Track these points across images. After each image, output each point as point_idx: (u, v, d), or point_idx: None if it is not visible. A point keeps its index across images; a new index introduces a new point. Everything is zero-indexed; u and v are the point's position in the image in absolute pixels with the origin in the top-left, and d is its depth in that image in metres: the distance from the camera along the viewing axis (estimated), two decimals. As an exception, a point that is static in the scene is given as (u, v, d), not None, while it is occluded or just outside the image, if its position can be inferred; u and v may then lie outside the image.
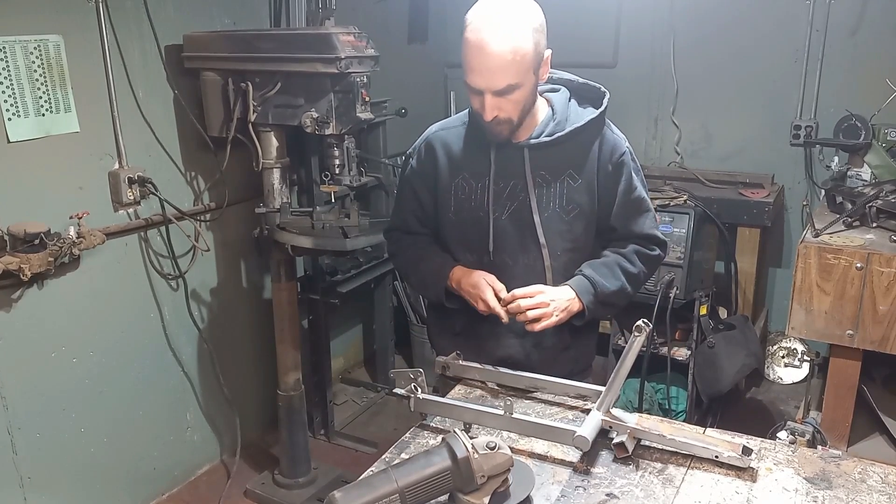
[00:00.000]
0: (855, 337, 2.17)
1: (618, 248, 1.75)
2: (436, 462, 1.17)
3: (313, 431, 3.23)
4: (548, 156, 1.65)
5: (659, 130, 3.82)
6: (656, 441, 1.37)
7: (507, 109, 1.55)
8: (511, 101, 1.53)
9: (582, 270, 1.70)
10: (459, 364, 1.69)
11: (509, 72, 1.48)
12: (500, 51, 1.46)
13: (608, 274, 1.69)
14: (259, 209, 2.63)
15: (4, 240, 2.13)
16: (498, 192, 1.66)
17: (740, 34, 3.51)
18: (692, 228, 2.97)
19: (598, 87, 1.73)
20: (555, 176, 1.66)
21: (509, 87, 1.50)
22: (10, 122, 2.16)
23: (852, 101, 3.13)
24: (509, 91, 1.51)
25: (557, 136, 1.64)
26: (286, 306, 2.74)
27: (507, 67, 1.48)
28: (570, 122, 1.66)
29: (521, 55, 1.48)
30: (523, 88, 1.53)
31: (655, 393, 3.17)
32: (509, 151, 1.66)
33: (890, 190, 2.45)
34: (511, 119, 1.57)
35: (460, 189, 1.70)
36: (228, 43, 2.50)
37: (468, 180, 1.69)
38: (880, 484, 1.28)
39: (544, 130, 1.65)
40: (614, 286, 1.69)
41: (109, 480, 2.64)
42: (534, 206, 1.65)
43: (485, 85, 1.50)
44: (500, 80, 1.49)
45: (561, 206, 1.67)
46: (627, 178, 1.70)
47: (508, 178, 1.66)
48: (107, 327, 2.56)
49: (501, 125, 1.57)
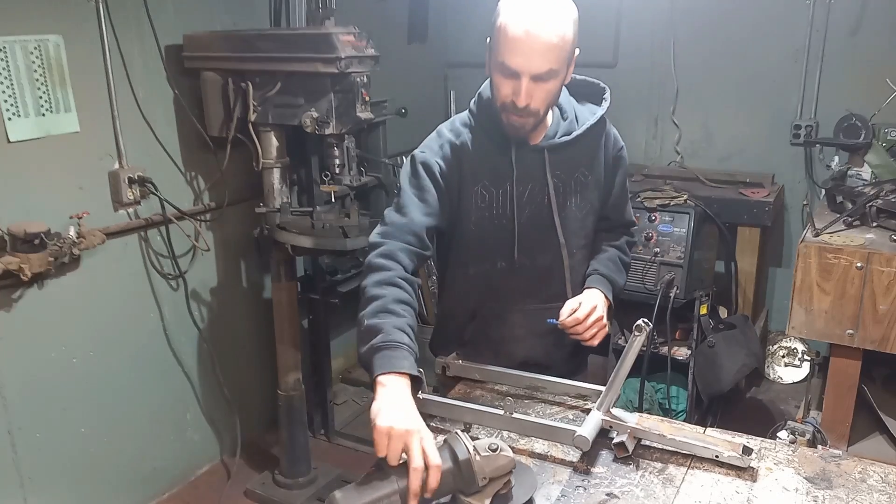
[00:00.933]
0: (855, 336, 2.17)
1: (610, 239, 1.81)
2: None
3: (313, 431, 3.23)
4: (563, 156, 1.65)
5: (659, 130, 3.82)
6: (656, 441, 1.37)
7: (538, 99, 1.51)
8: (544, 89, 1.50)
9: (598, 270, 1.73)
10: (459, 364, 1.69)
11: (552, 56, 1.46)
12: (548, 34, 1.44)
13: (616, 270, 1.76)
14: (259, 209, 2.63)
15: (4, 240, 2.13)
16: (519, 196, 1.64)
17: (740, 34, 3.51)
18: (692, 228, 2.97)
19: (596, 83, 1.73)
20: (570, 175, 1.66)
21: (549, 73, 1.47)
22: (10, 122, 2.16)
23: (852, 101, 3.14)
24: (547, 77, 1.48)
25: (575, 135, 1.64)
26: (286, 306, 2.74)
27: (550, 51, 1.45)
28: (580, 122, 1.66)
29: (564, 42, 1.47)
30: (558, 79, 1.51)
31: (656, 392, 3.17)
32: (529, 154, 1.63)
33: (890, 189, 2.45)
34: (539, 111, 1.54)
35: (480, 198, 1.64)
36: (228, 43, 2.50)
37: (488, 188, 1.63)
38: (880, 483, 1.28)
39: (558, 130, 1.64)
40: (622, 281, 1.77)
41: (109, 480, 2.64)
42: (554, 208, 1.65)
43: (526, 67, 1.46)
44: (542, 62, 1.46)
45: (577, 205, 1.68)
46: (623, 170, 1.78)
47: (528, 181, 1.64)
48: (107, 327, 2.56)
49: (528, 117, 1.53)
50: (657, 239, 3.00)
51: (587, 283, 1.71)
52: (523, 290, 1.70)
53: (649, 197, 3.10)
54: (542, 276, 1.69)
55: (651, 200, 3.06)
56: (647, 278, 2.99)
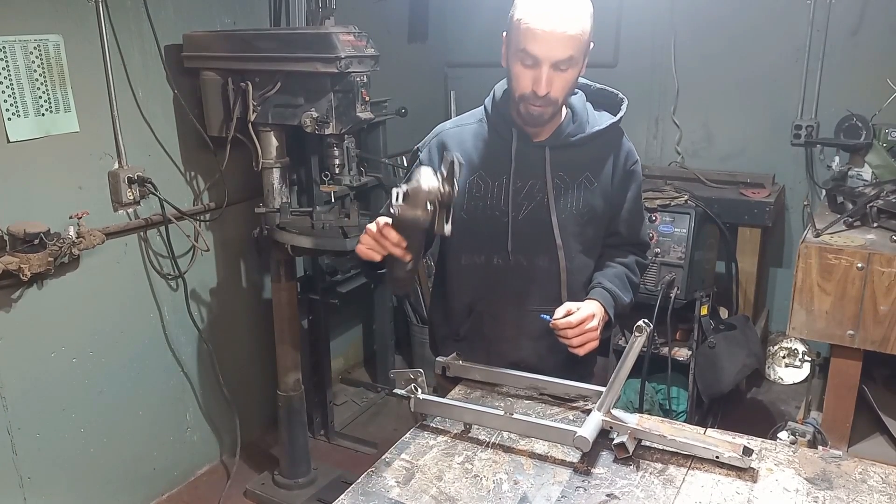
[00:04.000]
0: (856, 337, 2.17)
1: (620, 257, 1.78)
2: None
3: (313, 432, 3.22)
4: (567, 157, 1.66)
5: (660, 130, 3.82)
6: (657, 441, 1.37)
7: (557, 88, 1.53)
8: (563, 78, 1.53)
9: (602, 283, 1.70)
10: (459, 364, 1.68)
11: (572, 44, 1.49)
12: (568, 22, 1.47)
13: (622, 286, 1.72)
14: (259, 209, 2.63)
15: (4, 240, 2.13)
16: (516, 191, 1.65)
17: (741, 34, 3.51)
18: (693, 228, 2.97)
19: (616, 94, 1.74)
20: (573, 178, 1.66)
21: (569, 60, 1.50)
22: (10, 122, 2.16)
23: (853, 101, 3.14)
24: (567, 66, 1.51)
25: (579, 137, 1.65)
26: (286, 306, 2.74)
27: (571, 39, 1.49)
28: (591, 125, 1.67)
29: (583, 31, 1.50)
30: (576, 68, 1.54)
31: (656, 393, 3.16)
32: (530, 150, 1.65)
33: (891, 190, 2.45)
34: (557, 100, 1.56)
35: (475, 187, 1.67)
36: (228, 43, 2.50)
37: (484, 178, 1.67)
38: (881, 484, 1.28)
39: (565, 131, 1.65)
40: (628, 298, 1.73)
41: (109, 480, 2.64)
42: (552, 207, 1.65)
43: (549, 53, 1.49)
44: (564, 50, 1.49)
45: (577, 209, 1.67)
46: (637, 185, 1.75)
47: (528, 177, 1.65)
48: (107, 327, 2.56)
49: (548, 105, 1.56)
50: (658, 239, 3.00)
51: (589, 294, 1.69)
52: (518, 290, 1.70)
53: (650, 197, 3.10)
54: (538, 277, 1.69)
55: (652, 201, 3.05)
56: (647, 279, 2.98)
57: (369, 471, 1.34)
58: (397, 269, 1.53)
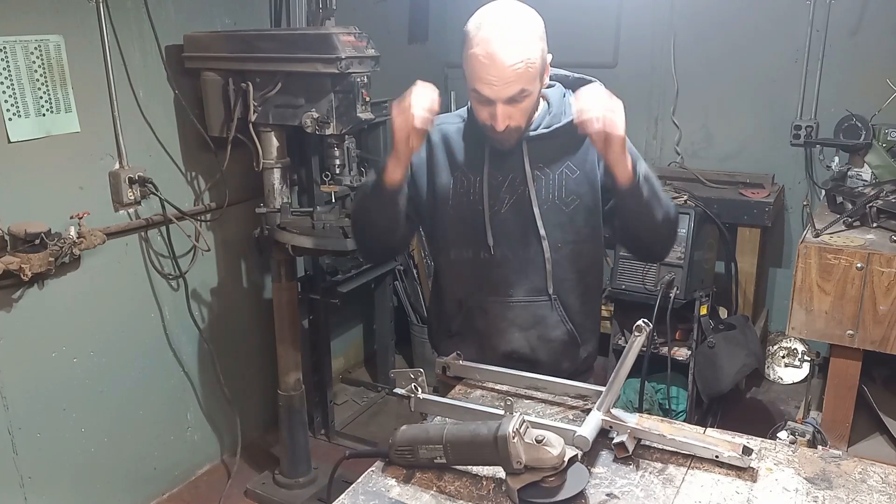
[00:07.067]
0: (855, 337, 2.17)
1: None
2: (482, 432, 1.21)
3: (314, 431, 3.23)
4: (545, 148, 1.67)
5: (659, 130, 3.82)
6: (656, 441, 1.37)
7: (517, 117, 1.56)
8: (520, 108, 1.55)
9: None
10: (459, 364, 1.69)
11: (521, 79, 1.50)
12: (513, 62, 1.47)
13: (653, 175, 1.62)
14: (259, 209, 2.63)
15: (5, 240, 2.14)
16: (496, 185, 1.67)
17: (741, 34, 3.51)
18: (692, 228, 2.97)
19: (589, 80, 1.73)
20: (553, 168, 1.67)
21: (521, 93, 1.52)
22: (11, 122, 2.16)
23: (853, 101, 3.14)
24: (520, 98, 1.52)
25: (554, 127, 1.66)
26: (286, 306, 2.74)
27: (518, 77, 1.49)
28: (567, 115, 1.66)
29: (530, 64, 1.49)
30: (532, 95, 1.55)
31: (656, 393, 3.17)
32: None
33: (890, 190, 2.45)
34: (520, 126, 1.59)
35: (459, 183, 1.70)
36: (229, 43, 2.50)
37: (466, 174, 1.70)
38: (881, 484, 1.28)
39: (541, 123, 1.66)
40: (657, 184, 1.62)
41: (109, 480, 2.64)
42: (533, 199, 1.66)
43: (499, 94, 1.51)
44: (514, 86, 1.50)
45: (560, 198, 1.67)
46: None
47: (507, 171, 1.67)
48: (107, 327, 2.56)
49: (511, 133, 1.59)
50: (657, 239, 3.00)
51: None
52: (504, 282, 1.71)
53: (649, 197, 3.10)
54: (522, 269, 1.70)
55: (651, 201, 3.05)
56: (646, 279, 2.99)
57: (369, 471, 1.35)
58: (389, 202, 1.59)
